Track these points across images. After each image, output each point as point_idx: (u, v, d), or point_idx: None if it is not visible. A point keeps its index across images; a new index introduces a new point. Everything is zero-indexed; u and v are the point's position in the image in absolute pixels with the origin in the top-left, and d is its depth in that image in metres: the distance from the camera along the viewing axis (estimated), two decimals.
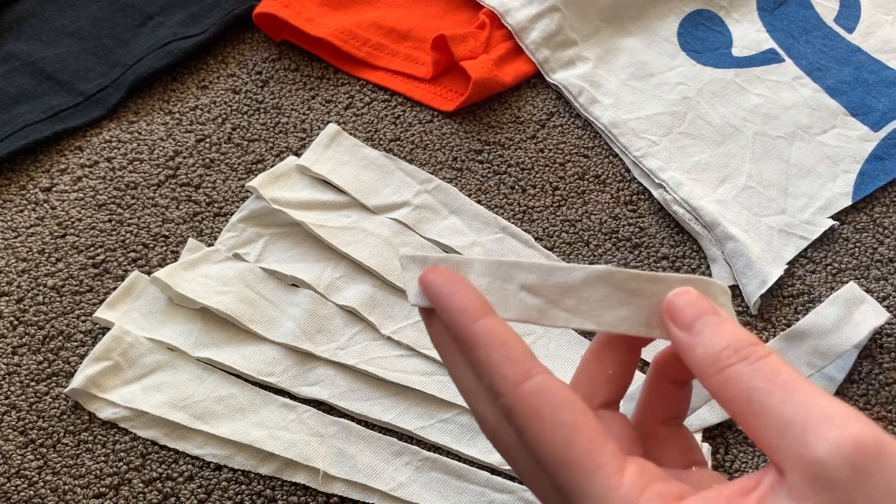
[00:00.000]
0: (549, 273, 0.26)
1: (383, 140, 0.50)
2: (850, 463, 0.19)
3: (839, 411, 0.20)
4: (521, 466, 0.26)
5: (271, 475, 0.39)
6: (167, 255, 0.46)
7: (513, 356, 0.24)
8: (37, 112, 0.50)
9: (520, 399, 0.23)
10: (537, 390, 0.23)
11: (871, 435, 0.19)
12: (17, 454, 0.40)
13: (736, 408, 0.22)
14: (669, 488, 0.22)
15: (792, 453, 0.20)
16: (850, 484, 0.19)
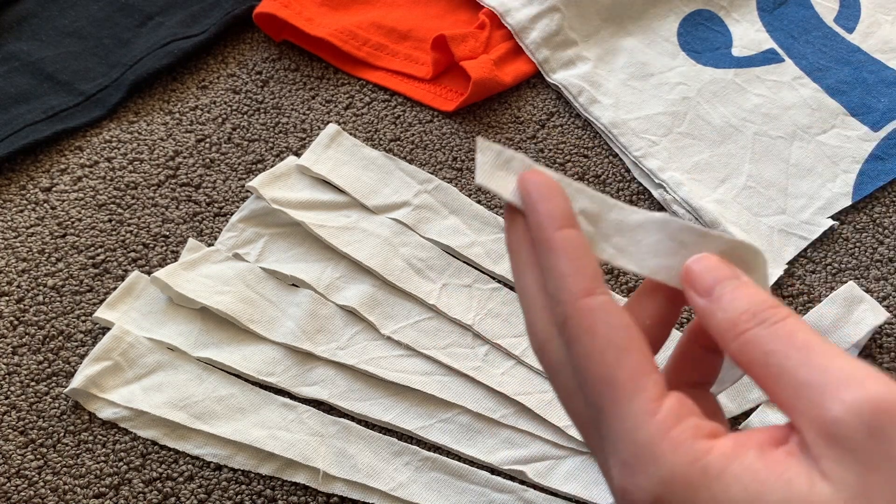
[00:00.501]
0: (609, 208, 0.26)
1: (383, 140, 0.50)
2: (865, 423, 0.19)
3: (856, 371, 0.20)
4: (560, 382, 0.25)
5: (271, 475, 0.39)
6: (167, 255, 0.46)
7: (583, 271, 0.24)
8: (37, 112, 0.50)
9: (578, 310, 0.23)
10: (597, 307, 0.23)
11: (887, 394, 0.19)
12: (17, 454, 0.40)
13: (755, 371, 0.22)
14: (704, 424, 0.22)
15: (809, 415, 0.20)
16: (866, 443, 0.19)
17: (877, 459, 0.19)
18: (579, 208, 0.26)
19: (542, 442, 0.40)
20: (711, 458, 0.21)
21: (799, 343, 0.21)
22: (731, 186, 0.47)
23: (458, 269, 0.44)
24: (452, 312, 0.42)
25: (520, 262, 0.27)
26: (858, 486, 0.19)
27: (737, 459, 0.21)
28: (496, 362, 0.41)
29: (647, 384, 0.22)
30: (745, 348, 0.22)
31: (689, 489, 0.20)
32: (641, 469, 0.21)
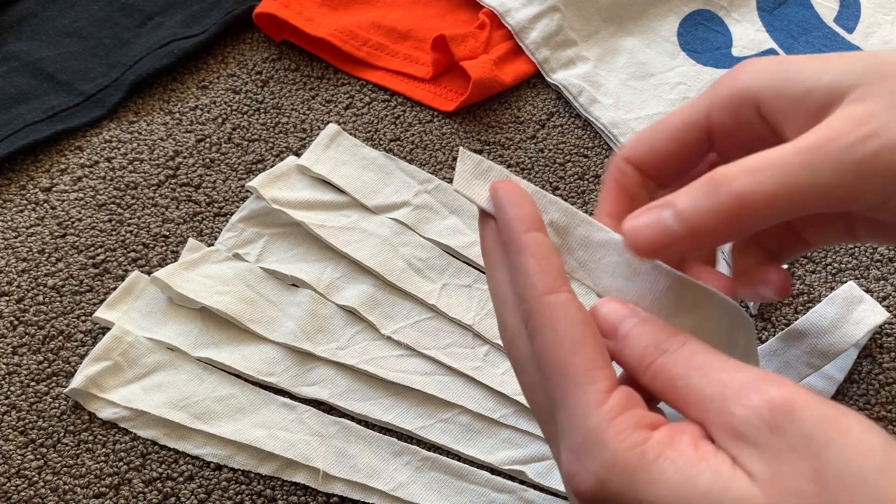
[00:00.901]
0: (578, 223, 0.28)
1: (383, 140, 0.50)
2: (766, 422, 0.21)
3: (752, 379, 0.22)
4: (526, 377, 0.27)
5: (271, 475, 0.39)
6: (167, 255, 0.46)
7: (548, 270, 0.26)
8: (37, 112, 0.50)
9: (542, 306, 0.25)
10: (559, 303, 0.25)
11: (781, 394, 0.22)
12: (17, 454, 0.40)
13: (668, 396, 0.24)
14: (647, 415, 0.24)
15: (717, 422, 0.22)
16: (769, 439, 0.21)
17: (780, 451, 0.21)
18: (549, 220, 0.28)
19: (542, 442, 0.40)
20: (649, 445, 0.23)
21: (698, 364, 0.24)
22: None
23: (458, 269, 0.44)
24: (452, 312, 0.42)
25: (491, 263, 0.29)
26: (769, 476, 0.21)
27: (671, 447, 0.22)
28: (496, 362, 0.41)
29: (599, 377, 0.24)
30: (656, 378, 0.24)
31: (628, 472, 0.22)
32: (587, 453, 0.23)
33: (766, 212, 0.24)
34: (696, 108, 0.28)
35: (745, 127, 0.27)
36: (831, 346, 0.39)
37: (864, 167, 0.23)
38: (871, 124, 0.24)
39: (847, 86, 0.25)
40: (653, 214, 0.26)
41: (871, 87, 0.24)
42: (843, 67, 0.25)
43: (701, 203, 0.25)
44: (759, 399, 0.22)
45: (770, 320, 0.43)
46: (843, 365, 0.41)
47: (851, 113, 0.24)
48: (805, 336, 0.40)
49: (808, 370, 0.39)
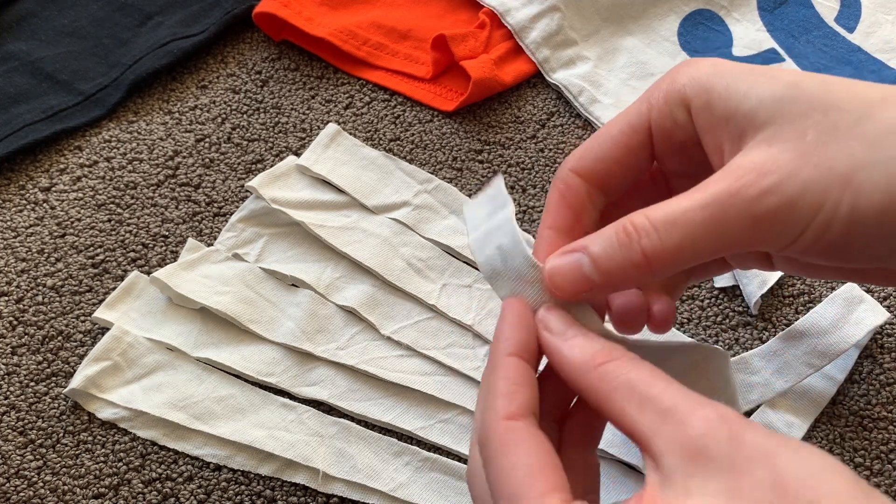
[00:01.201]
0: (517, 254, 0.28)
1: (383, 140, 0.50)
2: (725, 431, 0.21)
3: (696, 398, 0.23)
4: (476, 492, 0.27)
5: (271, 475, 0.39)
6: (167, 254, 0.46)
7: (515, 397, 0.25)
8: (36, 112, 0.50)
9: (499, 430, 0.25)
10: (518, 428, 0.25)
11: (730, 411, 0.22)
12: (16, 454, 0.40)
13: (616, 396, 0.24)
14: None
15: (672, 436, 0.22)
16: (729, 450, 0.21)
17: (740, 462, 0.21)
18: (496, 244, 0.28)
19: None
20: None
21: (660, 375, 0.24)
22: None
23: (458, 269, 0.44)
24: (452, 313, 0.42)
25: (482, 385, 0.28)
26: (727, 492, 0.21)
27: None
28: None
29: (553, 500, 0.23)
30: (603, 380, 0.24)
31: None
32: None
33: (674, 264, 0.26)
34: (638, 110, 0.29)
35: (681, 128, 0.28)
36: (831, 346, 0.39)
37: (762, 222, 0.24)
38: (772, 176, 0.24)
39: (761, 121, 0.25)
40: (571, 258, 0.26)
41: (781, 129, 0.25)
42: (764, 95, 0.26)
43: (615, 254, 0.26)
44: (714, 413, 0.22)
45: (770, 320, 0.43)
46: (843, 365, 0.41)
47: (756, 160, 0.25)
48: (805, 336, 0.40)
49: (808, 370, 0.39)
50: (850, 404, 0.40)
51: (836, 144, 0.24)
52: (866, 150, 0.24)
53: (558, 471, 0.24)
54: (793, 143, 0.24)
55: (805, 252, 0.25)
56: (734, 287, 0.44)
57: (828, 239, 0.24)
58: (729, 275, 0.44)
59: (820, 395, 0.40)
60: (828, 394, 0.40)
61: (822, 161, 0.24)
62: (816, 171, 0.24)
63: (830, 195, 0.24)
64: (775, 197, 0.24)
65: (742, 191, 0.24)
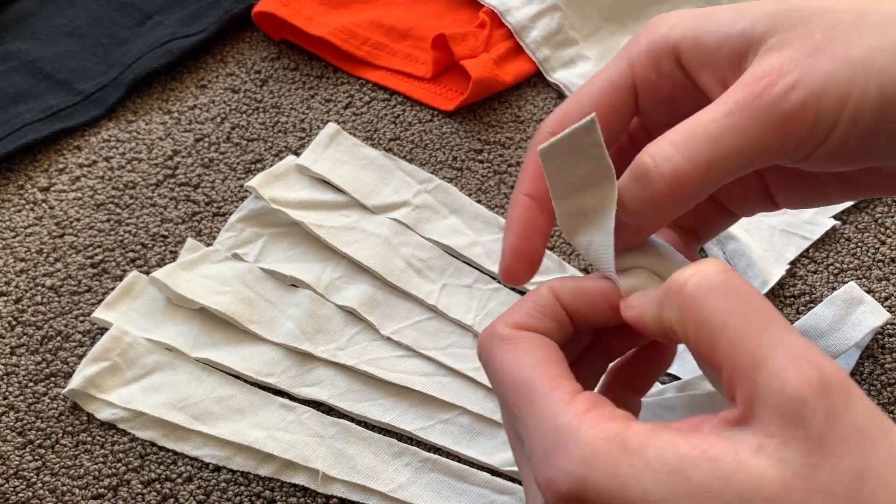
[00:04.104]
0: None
1: (383, 139, 0.50)
2: (824, 405, 0.19)
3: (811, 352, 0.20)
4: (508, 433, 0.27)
5: (270, 476, 0.39)
6: (166, 254, 0.46)
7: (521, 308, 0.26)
8: (35, 111, 0.50)
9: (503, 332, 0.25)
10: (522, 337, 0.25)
11: (838, 376, 0.20)
12: (15, 455, 0.40)
13: (704, 332, 0.21)
14: (618, 412, 0.22)
15: (768, 388, 0.20)
16: (823, 426, 0.19)
17: (829, 442, 0.19)
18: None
19: None
20: (630, 434, 0.21)
21: (757, 308, 0.21)
22: None
23: (458, 270, 0.44)
24: (452, 313, 0.42)
25: None
26: (801, 467, 0.19)
27: (656, 436, 0.21)
28: None
29: (563, 383, 0.23)
30: (693, 305, 0.22)
31: (610, 465, 0.20)
32: (562, 451, 0.21)
33: (704, 184, 0.24)
34: (617, 68, 0.28)
35: (668, 79, 0.27)
36: (830, 348, 0.39)
37: (791, 120, 0.23)
38: (792, 74, 0.23)
39: (760, 33, 0.25)
40: None
41: (786, 34, 0.24)
42: (756, 14, 0.25)
43: (635, 193, 0.24)
44: (817, 376, 0.20)
45: None
46: (844, 366, 0.41)
47: (770, 64, 0.24)
48: None
49: None
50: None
51: (846, 37, 0.24)
52: (878, 37, 0.23)
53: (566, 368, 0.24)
54: (802, 43, 0.24)
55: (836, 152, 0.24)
56: None
57: (859, 131, 0.23)
58: None
59: None
60: None
61: (838, 53, 0.23)
62: (836, 63, 0.23)
63: (856, 83, 0.23)
64: (801, 91, 0.23)
65: (766, 92, 0.23)
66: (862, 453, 0.19)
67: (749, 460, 0.19)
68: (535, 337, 0.25)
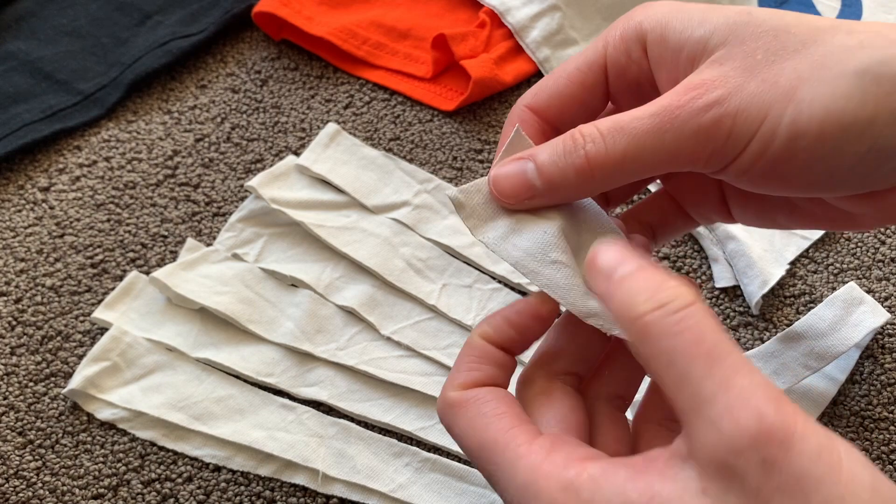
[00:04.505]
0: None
1: (383, 139, 0.50)
2: (759, 457, 0.19)
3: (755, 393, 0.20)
4: None
5: (270, 476, 0.39)
6: (166, 254, 0.46)
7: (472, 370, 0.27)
8: (35, 111, 0.50)
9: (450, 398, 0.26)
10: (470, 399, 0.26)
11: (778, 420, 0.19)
12: (15, 455, 0.40)
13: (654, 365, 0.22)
14: (577, 452, 0.23)
15: (706, 436, 0.20)
16: (759, 476, 0.19)
17: (766, 493, 0.19)
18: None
19: None
20: (582, 482, 0.21)
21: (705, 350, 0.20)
22: None
23: (458, 269, 0.44)
24: (452, 313, 0.42)
25: None
26: None
27: (607, 480, 0.21)
28: None
29: (517, 435, 0.24)
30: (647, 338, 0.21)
31: None
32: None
33: (617, 172, 0.26)
34: (594, 48, 0.29)
35: (636, 65, 0.28)
36: (829, 348, 0.39)
37: (704, 133, 0.25)
38: (718, 91, 0.25)
39: (715, 43, 0.26)
40: (517, 165, 0.27)
41: (732, 49, 0.25)
42: (718, 21, 0.26)
43: (559, 161, 0.26)
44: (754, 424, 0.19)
45: (771, 320, 0.43)
46: (844, 366, 0.41)
47: (706, 76, 0.25)
48: (803, 338, 0.40)
49: (806, 372, 0.39)
50: (851, 405, 0.40)
51: (783, 63, 0.25)
52: (812, 68, 0.24)
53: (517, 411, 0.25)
54: (742, 61, 0.25)
55: (747, 170, 0.25)
56: (735, 287, 0.44)
57: (770, 155, 0.25)
58: (730, 275, 0.44)
59: (821, 396, 0.40)
60: (829, 394, 0.40)
61: (769, 77, 0.24)
62: (762, 86, 0.24)
63: (773, 108, 0.24)
64: (720, 108, 0.25)
65: (689, 103, 0.25)
66: (802, 499, 0.19)
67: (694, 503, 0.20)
68: (482, 393, 0.26)
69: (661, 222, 0.33)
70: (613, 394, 0.28)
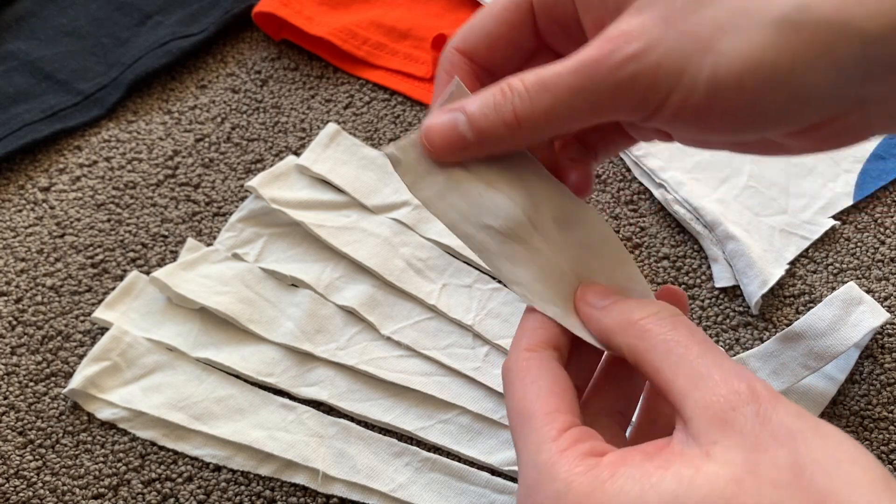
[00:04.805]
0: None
1: (383, 139, 0.50)
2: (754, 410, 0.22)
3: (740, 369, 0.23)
4: None
5: (271, 476, 0.39)
6: (166, 254, 0.46)
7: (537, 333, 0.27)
8: (35, 111, 0.50)
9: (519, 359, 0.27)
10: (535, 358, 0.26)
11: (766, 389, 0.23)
12: (15, 455, 0.40)
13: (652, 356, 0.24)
14: (600, 447, 0.24)
15: (704, 402, 0.22)
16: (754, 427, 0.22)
17: (762, 440, 0.21)
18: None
19: None
20: (601, 467, 0.23)
21: (697, 340, 0.24)
22: (733, 186, 0.47)
23: (458, 269, 0.44)
24: (452, 313, 0.42)
25: None
26: (745, 464, 0.21)
27: (624, 464, 0.23)
28: (496, 363, 0.41)
29: (558, 418, 0.24)
30: (645, 335, 0.25)
31: (582, 497, 0.22)
32: (540, 487, 0.23)
33: (544, 127, 0.26)
34: None
35: (562, 6, 0.28)
36: (828, 348, 0.39)
37: (624, 87, 0.25)
38: (636, 43, 0.25)
39: None
40: (448, 116, 0.27)
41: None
42: None
43: (489, 114, 0.26)
44: (746, 387, 0.22)
45: (771, 320, 0.43)
46: (844, 365, 0.41)
47: (624, 27, 0.25)
48: (802, 338, 0.40)
49: (805, 372, 0.39)
50: (850, 404, 0.40)
51: (703, 11, 0.24)
52: (731, 16, 0.24)
53: (567, 396, 0.25)
54: (662, 10, 0.25)
55: (671, 121, 0.25)
56: (735, 287, 0.44)
57: (691, 106, 0.24)
58: (729, 275, 0.44)
59: (821, 396, 0.40)
60: (828, 394, 0.40)
61: (688, 27, 0.24)
62: (681, 38, 0.24)
63: (692, 61, 0.24)
64: (637, 63, 0.24)
65: (607, 57, 0.25)
66: (794, 446, 0.21)
67: (702, 466, 0.22)
68: (546, 362, 0.26)
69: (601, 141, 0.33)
70: (614, 409, 0.29)
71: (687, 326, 0.25)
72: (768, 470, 0.21)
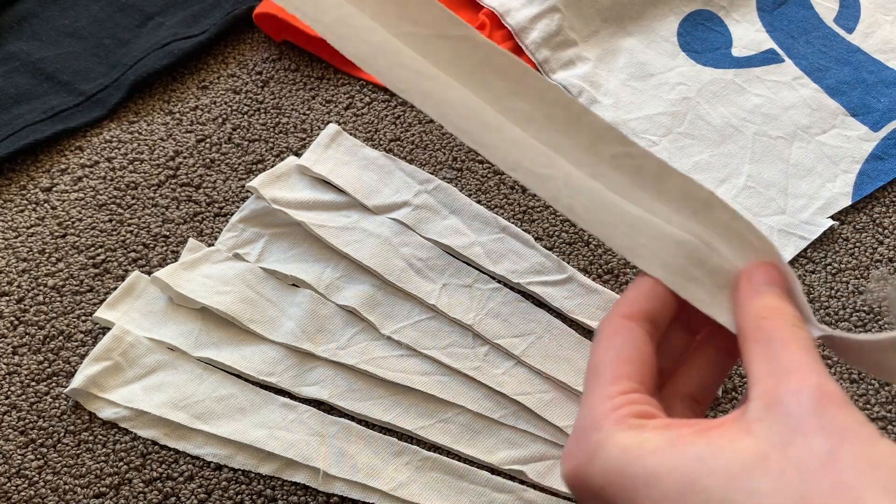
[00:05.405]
0: None
1: (383, 140, 0.50)
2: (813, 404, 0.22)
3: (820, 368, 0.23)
4: None
5: (271, 475, 0.39)
6: (167, 255, 0.46)
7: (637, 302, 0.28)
8: (37, 112, 0.50)
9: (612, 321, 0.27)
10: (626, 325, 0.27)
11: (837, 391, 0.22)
12: (17, 454, 0.40)
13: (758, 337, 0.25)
14: (650, 412, 0.25)
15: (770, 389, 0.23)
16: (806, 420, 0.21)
17: (808, 426, 0.21)
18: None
19: (542, 442, 0.40)
20: (644, 428, 0.24)
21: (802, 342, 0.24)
22: (731, 186, 0.47)
23: (458, 269, 0.44)
24: (452, 312, 0.42)
25: None
26: (778, 442, 0.21)
27: (667, 429, 0.23)
28: (496, 362, 0.41)
29: (622, 383, 0.25)
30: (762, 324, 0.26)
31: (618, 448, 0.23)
32: (584, 435, 0.24)
33: None
34: None
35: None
36: None
37: None
38: None
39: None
40: None
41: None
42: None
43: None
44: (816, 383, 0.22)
45: None
46: None
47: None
48: None
49: None
50: None
51: None
52: None
53: (643, 369, 0.26)
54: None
55: None
56: None
57: None
58: None
59: None
60: None
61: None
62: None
63: None
64: None
65: None
66: (838, 441, 0.21)
67: (738, 438, 0.22)
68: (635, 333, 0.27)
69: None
70: (689, 394, 0.29)
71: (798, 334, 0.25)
72: (799, 452, 0.21)
